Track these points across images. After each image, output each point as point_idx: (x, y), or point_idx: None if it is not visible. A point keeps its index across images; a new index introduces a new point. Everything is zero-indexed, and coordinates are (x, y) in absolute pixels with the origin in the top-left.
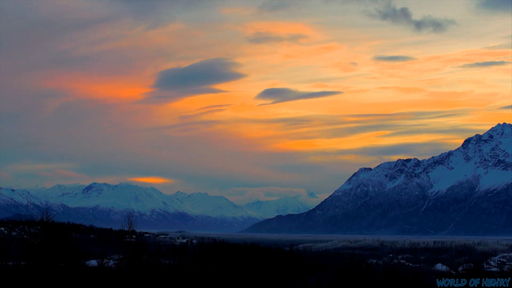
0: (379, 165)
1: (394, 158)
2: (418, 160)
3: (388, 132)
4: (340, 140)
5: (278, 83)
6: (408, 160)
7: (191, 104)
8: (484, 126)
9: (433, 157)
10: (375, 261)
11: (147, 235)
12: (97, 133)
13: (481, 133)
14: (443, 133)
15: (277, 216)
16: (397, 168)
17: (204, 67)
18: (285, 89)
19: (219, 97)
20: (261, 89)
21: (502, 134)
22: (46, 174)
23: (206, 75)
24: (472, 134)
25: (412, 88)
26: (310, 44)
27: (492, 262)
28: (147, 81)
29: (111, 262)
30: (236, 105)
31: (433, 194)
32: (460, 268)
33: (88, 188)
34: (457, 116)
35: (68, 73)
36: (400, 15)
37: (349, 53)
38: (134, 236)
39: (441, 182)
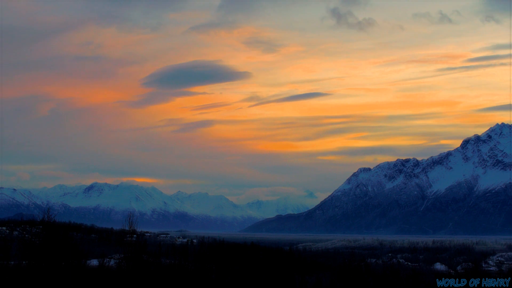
0: (378, 165)
1: (393, 158)
2: (417, 160)
3: (389, 132)
4: (341, 140)
5: (282, 83)
6: (407, 160)
7: (193, 104)
8: (483, 127)
9: (432, 157)
10: (374, 260)
11: (148, 234)
12: (98, 133)
13: (479, 134)
14: (442, 133)
15: (277, 216)
16: (396, 168)
17: (201, 67)
18: (289, 88)
19: (220, 97)
20: (264, 89)
21: (500, 134)
22: (47, 174)
23: (208, 75)
24: (470, 135)
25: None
26: None
27: (490, 262)
28: (148, 81)
29: (112, 262)
30: (237, 105)
31: (432, 194)
32: (459, 268)
33: (89, 188)
34: (457, 117)
35: (68, 73)
36: None
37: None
38: (134, 235)
39: (440, 182)
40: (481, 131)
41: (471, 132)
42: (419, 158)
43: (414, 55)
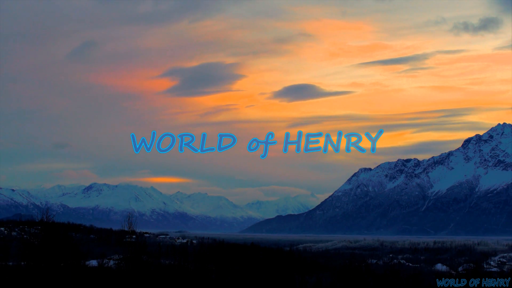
0: (379, 165)
1: (394, 158)
2: (418, 160)
3: (389, 132)
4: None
5: (285, 83)
6: (408, 160)
7: (193, 103)
8: (485, 126)
9: (433, 157)
10: (375, 261)
11: (147, 235)
12: (97, 133)
13: (481, 133)
14: (443, 133)
15: (277, 216)
16: (397, 168)
17: (211, 67)
18: (292, 88)
19: (221, 97)
20: (266, 89)
21: (502, 134)
22: (46, 174)
23: (211, 75)
24: (472, 134)
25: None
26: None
27: (492, 262)
28: (149, 80)
29: (111, 262)
30: (238, 105)
31: (433, 194)
32: (460, 268)
33: (88, 188)
34: (459, 116)
35: (73, 72)
36: None
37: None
38: (134, 236)
39: (441, 182)
40: (482, 131)
41: (472, 132)
42: (420, 158)
43: None
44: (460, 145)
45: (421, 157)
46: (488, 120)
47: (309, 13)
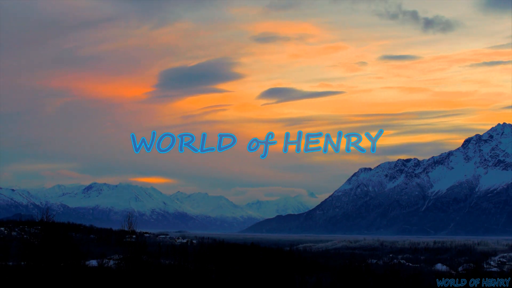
0: (379, 165)
1: (394, 158)
2: (418, 160)
3: (390, 132)
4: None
5: (282, 83)
6: (408, 160)
7: (193, 104)
8: (485, 126)
9: (433, 157)
10: (375, 261)
11: (147, 235)
12: (97, 133)
13: (481, 133)
14: (443, 133)
15: (277, 216)
16: (397, 168)
17: (208, 66)
18: (289, 88)
19: (220, 97)
20: (265, 89)
21: (502, 134)
22: (46, 174)
23: (210, 74)
24: (472, 134)
25: (417, 88)
26: (317, 43)
27: (492, 262)
28: (149, 81)
29: (111, 262)
30: (238, 105)
31: (433, 194)
32: (460, 268)
33: (88, 188)
34: (459, 116)
35: (69, 72)
36: (409, 15)
37: (356, 52)
38: (134, 236)
39: (441, 182)
40: (482, 130)
41: (472, 132)
42: (420, 158)
43: None
44: (460, 145)
45: (421, 157)
46: (487, 120)
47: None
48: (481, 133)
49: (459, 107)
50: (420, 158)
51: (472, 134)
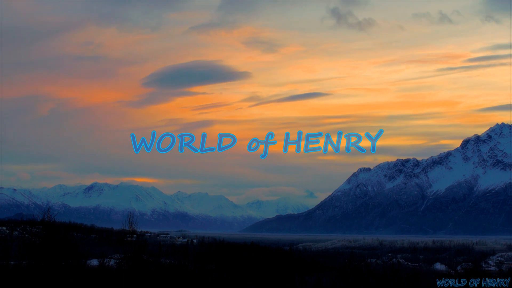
0: (378, 165)
1: (393, 158)
2: (417, 160)
3: (389, 132)
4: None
5: (282, 82)
6: (407, 160)
7: (193, 104)
8: (484, 127)
9: (432, 157)
10: (374, 260)
11: (148, 234)
12: (98, 133)
13: (479, 134)
14: (442, 133)
15: (277, 216)
16: (396, 168)
17: (201, 67)
18: (287, 89)
19: (220, 97)
20: (264, 89)
21: (500, 134)
22: (47, 174)
23: (208, 75)
24: (471, 134)
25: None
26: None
27: (490, 262)
28: (148, 81)
29: (112, 262)
30: (237, 105)
31: (432, 194)
32: (459, 268)
33: (89, 188)
34: (458, 117)
35: (69, 72)
36: None
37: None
38: (134, 235)
39: (440, 182)
40: (481, 131)
41: (471, 132)
42: (419, 158)
43: (414, 55)
44: (458, 145)
45: (420, 157)
46: (486, 120)
47: None
48: (479, 134)
49: (458, 107)
50: (419, 158)
51: (470, 135)
